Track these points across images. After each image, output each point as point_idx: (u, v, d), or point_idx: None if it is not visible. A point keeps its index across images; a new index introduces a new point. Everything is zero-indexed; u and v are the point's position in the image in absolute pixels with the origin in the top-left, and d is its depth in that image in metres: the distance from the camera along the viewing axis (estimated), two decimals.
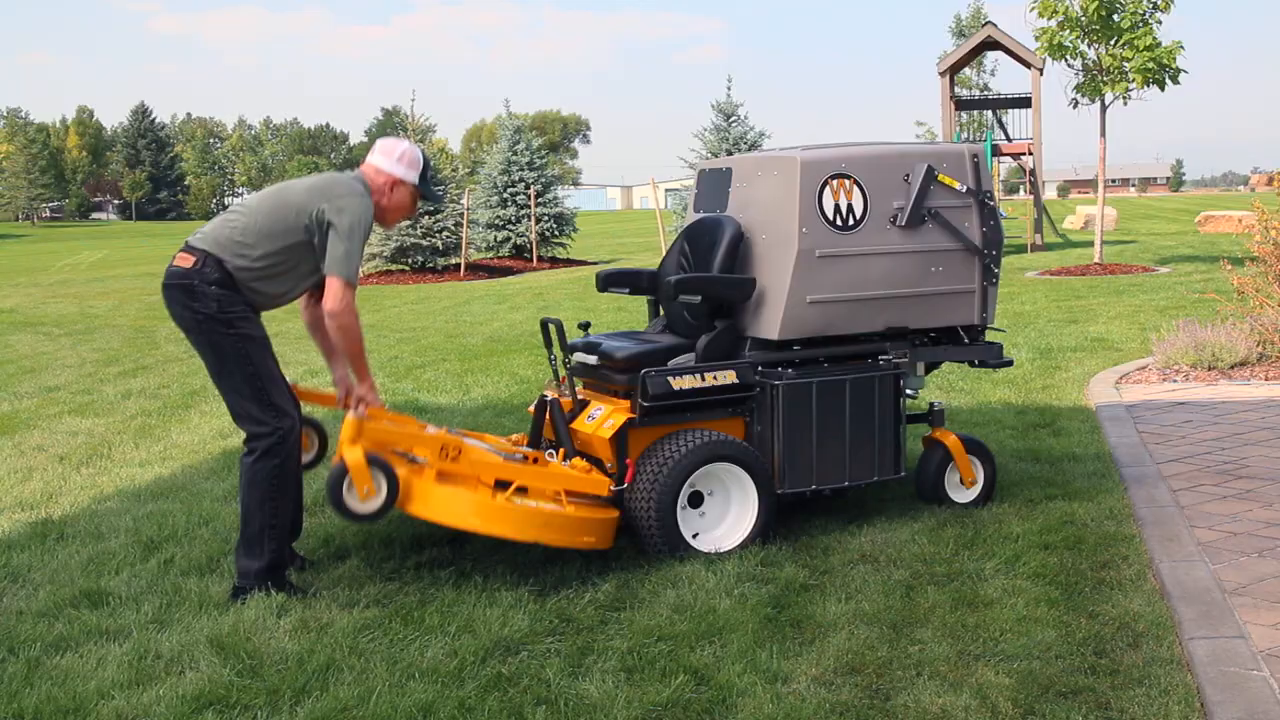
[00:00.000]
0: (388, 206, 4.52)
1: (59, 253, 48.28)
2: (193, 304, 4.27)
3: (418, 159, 4.53)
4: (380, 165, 4.49)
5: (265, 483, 4.28)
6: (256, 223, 4.33)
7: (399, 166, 4.49)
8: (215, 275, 4.27)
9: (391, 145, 4.54)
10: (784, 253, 4.72)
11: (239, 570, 4.32)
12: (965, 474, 5.19)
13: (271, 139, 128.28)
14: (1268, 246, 8.57)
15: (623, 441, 4.58)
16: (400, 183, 4.50)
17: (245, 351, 4.29)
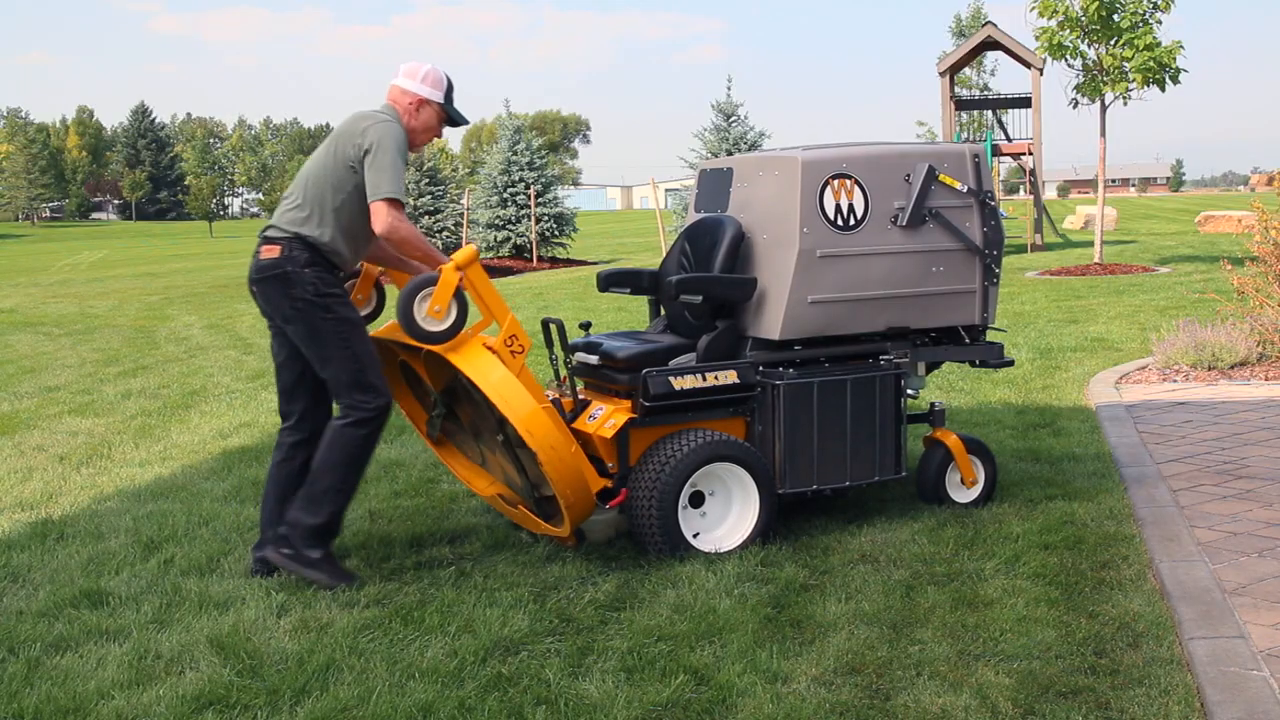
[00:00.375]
0: (415, 128, 4.55)
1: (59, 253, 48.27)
2: (291, 291, 4.36)
3: (441, 79, 4.57)
4: (405, 86, 4.52)
5: (348, 448, 4.38)
6: (311, 190, 4.42)
7: (423, 86, 4.53)
8: (304, 255, 4.36)
9: (414, 66, 4.56)
10: (785, 253, 4.72)
11: (289, 521, 4.38)
12: (966, 474, 5.19)
13: (271, 139, 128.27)
14: (1268, 246, 8.56)
15: (624, 441, 4.58)
16: (426, 102, 4.54)
17: (344, 334, 4.38)
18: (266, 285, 4.43)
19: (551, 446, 4.21)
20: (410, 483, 5.88)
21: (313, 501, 4.37)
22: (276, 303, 4.42)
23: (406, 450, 6.64)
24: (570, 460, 4.28)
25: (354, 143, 4.36)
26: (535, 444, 4.20)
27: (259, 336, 13.30)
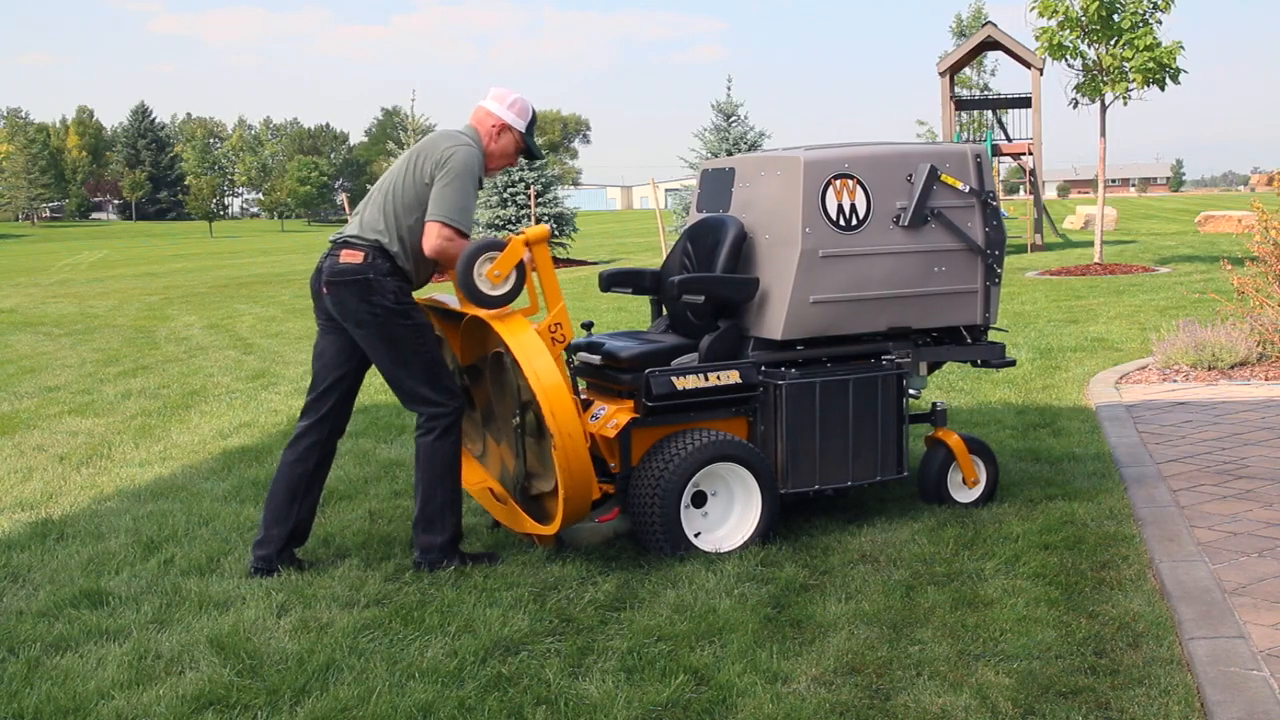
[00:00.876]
0: (493, 151, 4.63)
1: (59, 253, 48.27)
2: (370, 298, 4.42)
3: (527, 109, 4.69)
4: (491, 109, 4.64)
5: (445, 459, 4.48)
6: (389, 204, 4.48)
7: (509, 113, 4.63)
8: (386, 266, 4.44)
9: (504, 92, 4.68)
10: (787, 253, 4.72)
11: (420, 546, 4.49)
12: (968, 474, 5.18)
13: (271, 139, 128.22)
14: (1268, 246, 8.56)
15: (627, 441, 4.58)
16: (507, 128, 4.64)
17: (421, 339, 4.47)
18: (343, 289, 4.45)
19: (570, 434, 4.22)
20: (410, 483, 5.87)
21: (433, 521, 4.48)
22: (352, 307, 4.44)
23: (406, 450, 6.64)
24: (583, 453, 4.28)
25: (434, 161, 4.43)
26: (556, 426, 4.20)
27: (259, 336, 13.30)
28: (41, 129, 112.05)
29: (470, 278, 4.31)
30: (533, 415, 4.49)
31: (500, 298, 4.36)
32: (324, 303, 4.55)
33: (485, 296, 4.35)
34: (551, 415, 4.19)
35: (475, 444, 5.26)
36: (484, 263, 4.33)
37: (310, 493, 4.62)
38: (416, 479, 4.53)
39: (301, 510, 4.59)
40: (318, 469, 4.62)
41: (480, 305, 4.37)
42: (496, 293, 4.35)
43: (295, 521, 4.58)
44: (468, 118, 4.70)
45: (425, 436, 4.49)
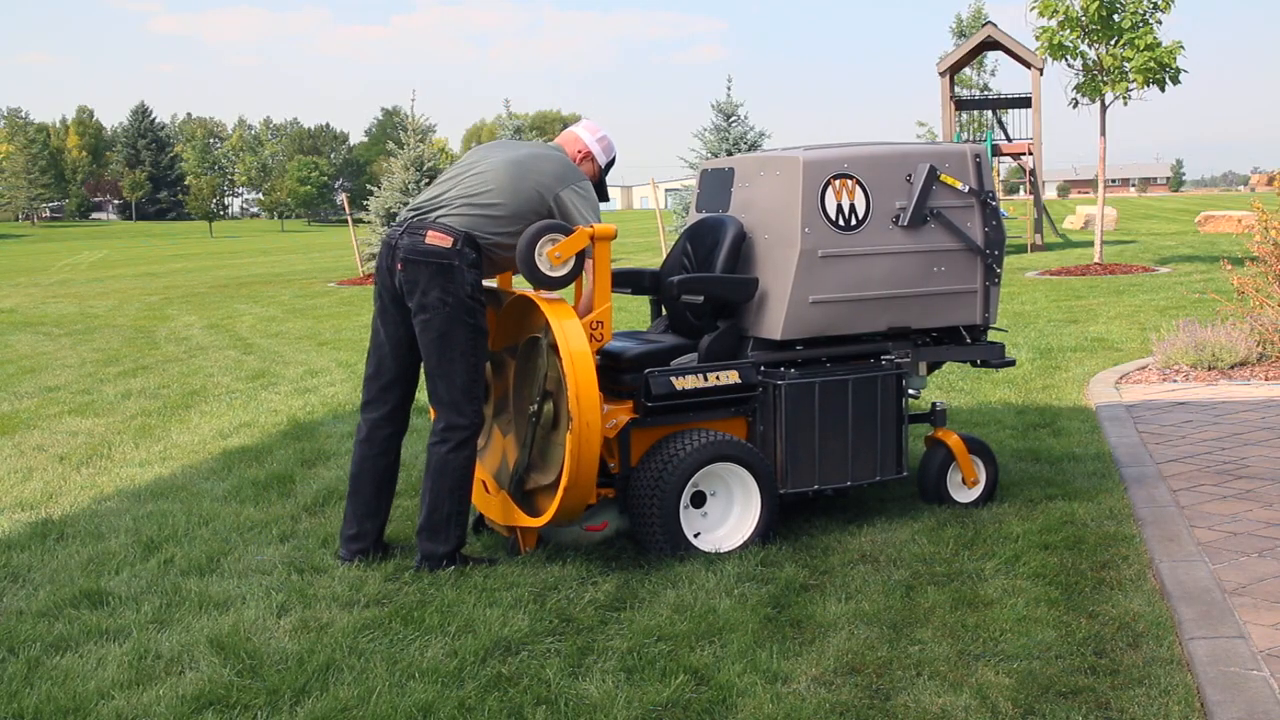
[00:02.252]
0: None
1: (59, 253, 48.27)
2: (449, 285, 4.40)
3: (612, 148, 4.89)
4: (582, 136, 4.83)
5: (458, 473, 4.49)
6: (504, 202, 4.52)
7: (596, 146, 4.83)
8: (473, 256, 4.46)
9: (596, 126, 4.89)
10: (786, 253, 4.72)
11: (423, 553, 4.51)
12: (967, 474, 5.18)
13: (271, 139, 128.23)
14: (1268, 246, 8.56)
15: (626, 441, 4.58)
16: (590, 158, 4.81)
17: (475, 344, 4.48)
18: (422, 270, 4.40)
19: (589, 423, 4.24)
20: (411, 483, 5.88)
21: (437, 531, 4.49)
22: (426, 290, 4.40)
23: (407, 450, 6.61)
24: (595, 446, 4.28)
25: (567, 188, 4.53)
26: (579, 412, 4.21)
27: (259, 336, 13.30)
28: (41, 129, 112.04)
29: (531, 254, 4.38)
30: (551, 406, 4.51)
31: (557, 279, 4.44)
32: (394, 280, 4.50)
33: (542, 275, 4.42)
34: (576, 400, 4.21)
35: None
36: (546, 243, 4.40)
37: (394, 481, 4.75)
38: (424, 486, 4.51)
39: (389, 500, 4.72)
40: (397, 461, 4.74)
41: (535, 283, 4.44)
42: (554, 274, 4.43)
43: (387, 511, 4.70)
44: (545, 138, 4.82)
45: (440, 446, 4.47)
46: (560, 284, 4.46)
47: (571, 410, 4.21)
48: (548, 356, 4.49)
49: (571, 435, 4.22)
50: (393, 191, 22.90)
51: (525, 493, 4.73)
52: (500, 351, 4.99)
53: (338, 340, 11.94)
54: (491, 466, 5.09)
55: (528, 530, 4.64)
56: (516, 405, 4.86)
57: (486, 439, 5.17)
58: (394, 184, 23.01)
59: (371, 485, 4.66)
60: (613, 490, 4.62)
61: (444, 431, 4.47)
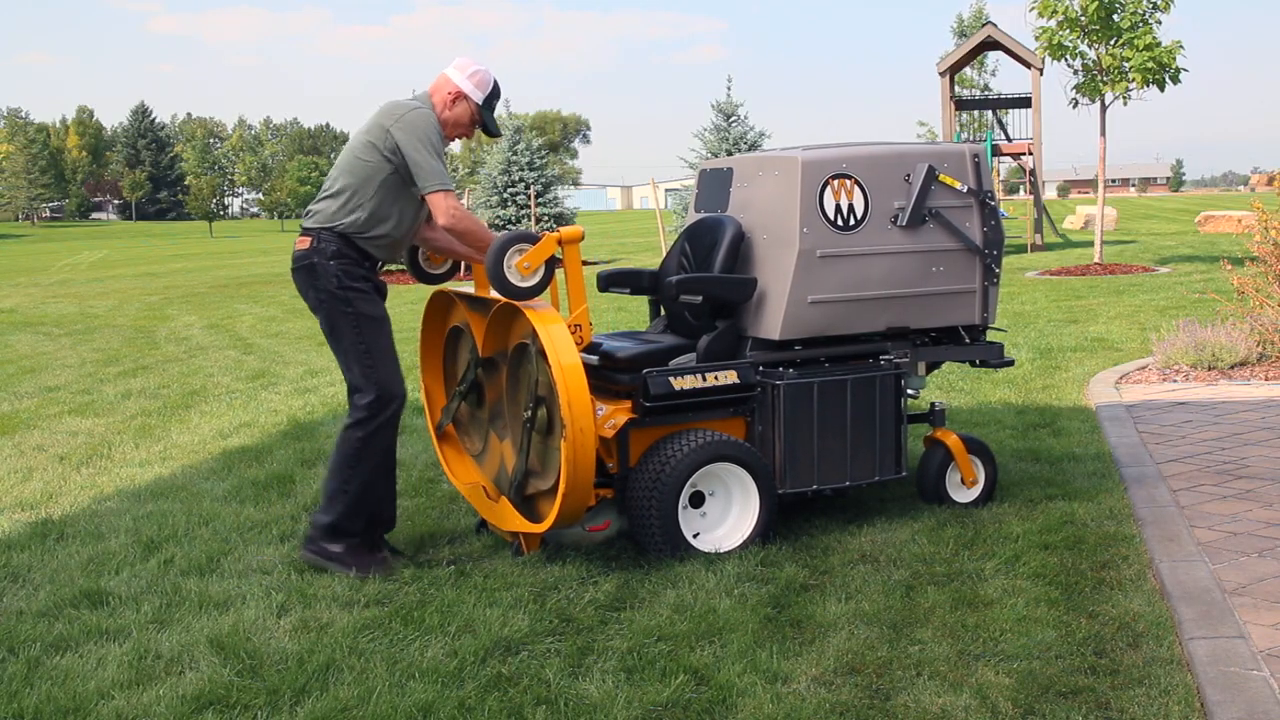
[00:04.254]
0: (447, 119, 4.59)
1: (59, 253, 48.27)
2: (316, 283, 4.49)
3: (488, 82, 4.61)
4: (451, 76, 4.59)
5: (347, 449, 4.51)
6: (344, 179, 4.51)
7: (467, 82, 4.58)
8: (331, 248, 4.47)
9: (468, 62, 4.63)
10: (785, 253, 4.72)
11: (312, 523, 4.58)
12: (966, 474, 5.18)
13: (271, 139, 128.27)
14: (1268, 246, 8.56)
15: (624, 441, 4.58)
16: (463, 97, 4.58)
17: (360, 329, 4.50)
18: (297, 276, 4.55)
19: (582, 429, 4.23)
20: (410, 483, 5.88)
21: (327, 501, 4.55)
22: (304, 294, 4.56)
23: (406, 450, 6.64)
24: (590, 451, 4.28)
25: (388, 127, 4.43)
26: (571, 418, 4.21)
27: (259, 336, 13.30)
28: (41, 129, 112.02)
29: (500, 267, 4.34)
30: (544, 411, 4.51)
31: (528, 289, 4.40)
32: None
33: (512, 287, 4.39)
34: (568, 406, 4.21)
35: (475, 442, 5.27)
36: (514, 254, 4.37)
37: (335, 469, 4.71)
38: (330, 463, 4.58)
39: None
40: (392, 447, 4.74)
41: (506, 295, 4.42)
42: (524, 284, 4.39)
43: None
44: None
45: (351, 430, 4.51)
46: (530, 294, 4.40)
47: (565, 418, 4.21)
48: (537, 362, 4.49)
49: (566, 443, 4.22)
50: None
51: (525, 498, 4.73)
52: (490, 358, 4.99)
53: None
54: (491, 472, 5.10)
55: (530, 534, 4.64)
56: (511, 411, 4.86)
57: (484, 445, 5.18)
58: None
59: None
60: (611, 491, 4.62)
61: (351, 411, 4.55)
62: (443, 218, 4.41)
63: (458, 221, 4.43)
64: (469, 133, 4.68)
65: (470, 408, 5.28)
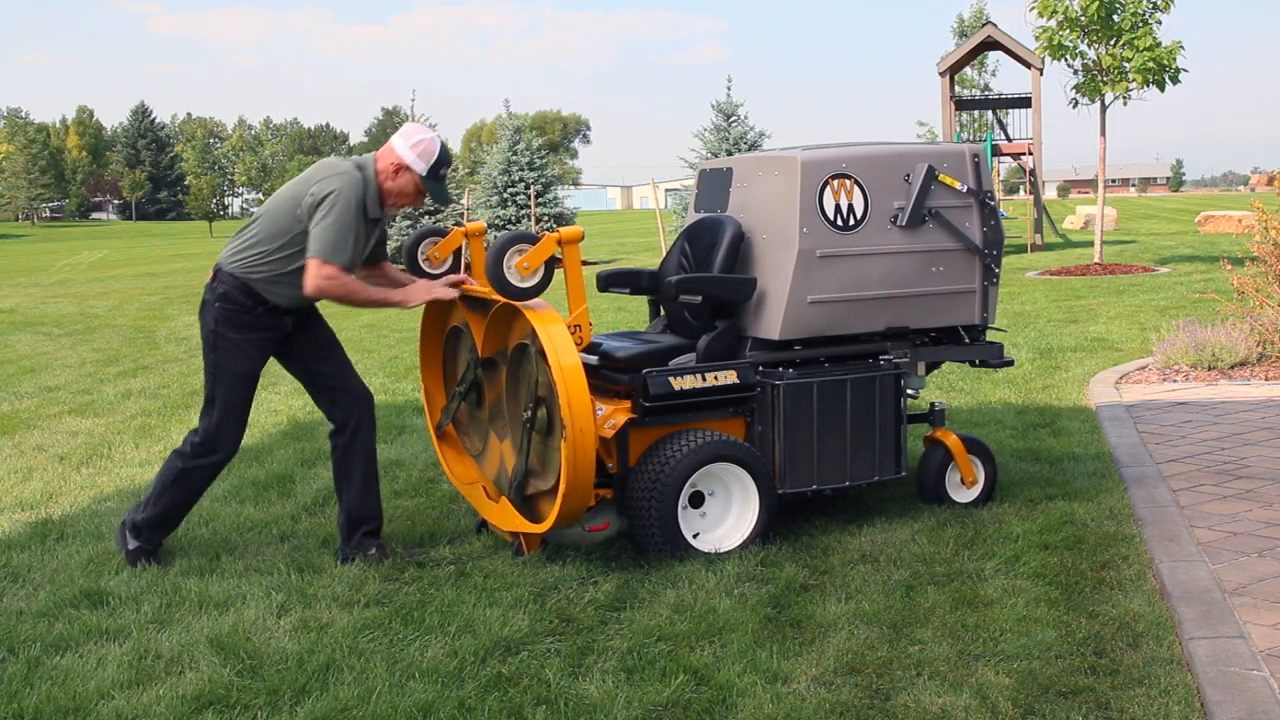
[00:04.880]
0: (390, 189, 4.57)
1: (59, 253, 48.26)
2: (202, 318, 4.59)
3: (432, 152, 4.54)
4: (395, 146, 4.56)
5: (167, 470, 4.65)
6: (264, 227, 4.53)
7: (409, 153, 4.53)
8: (222, 289, 4.51)
9: (413, 130, 4.59)
10: (785, 253, 4.72)
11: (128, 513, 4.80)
12: (966, 474, 5.18)
13: (271, 139, 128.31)
14: (1268, 246, 8.56)
15: (624, 441, 4.58)
16: (405, 169, 4.54)
17: (215, 375, 4.56)
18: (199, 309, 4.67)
19: (582, 429, 4.23)
20: (410, 483, 5.88)
21: (144, 502, 4.70)
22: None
23: (406, 450, 6.64)
24: (591, 451, 4.28)
25: (311, 190, 4.42)
26: (571, 419, 4.20)
27: None
28: (41, 129, 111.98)
29: (499, 268, 4.34)
30: (544, 411, 4.51)
31: (527, 289, 4.40)
32: None
33: (512, 287, 4.38)
34: (568, 407, 4.21)
35: (475, 442, 5.27)
36: (514, 254, 4.37)
37: (342, 477, 4.77)
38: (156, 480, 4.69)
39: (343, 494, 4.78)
40: (343, 454, 4.75)
41: (505, 295, 4.41)
42: (523, 284, 4.39)
43: (347, 504, 4.76)
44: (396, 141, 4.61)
45: (176, 454, 4.61)
46: (530, 294, 4.41)
47: (565, 418, 4.22)
48: (537, 363, 4.49)
49: (566, 443, 4.22)
50: None
51: (526, 498, 4.73)
52: (489, 358, 4.99)
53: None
54: (491, 472, 5.10)
55: (530, 534, 4.64)
56: (510, 411, 4.86)
57: (484, 445, 5.18)
58: None
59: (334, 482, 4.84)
60: (611, 491, 4.62)
61: (190, 446, 4.61)
62: (308, 285, 4.39)
63: (320, 292, 4.39)
64: (416, 201, 4.65)
65: (470, 408, 5.28)
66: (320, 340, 4.81)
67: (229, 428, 4.58)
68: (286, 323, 4.63)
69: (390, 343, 11.61)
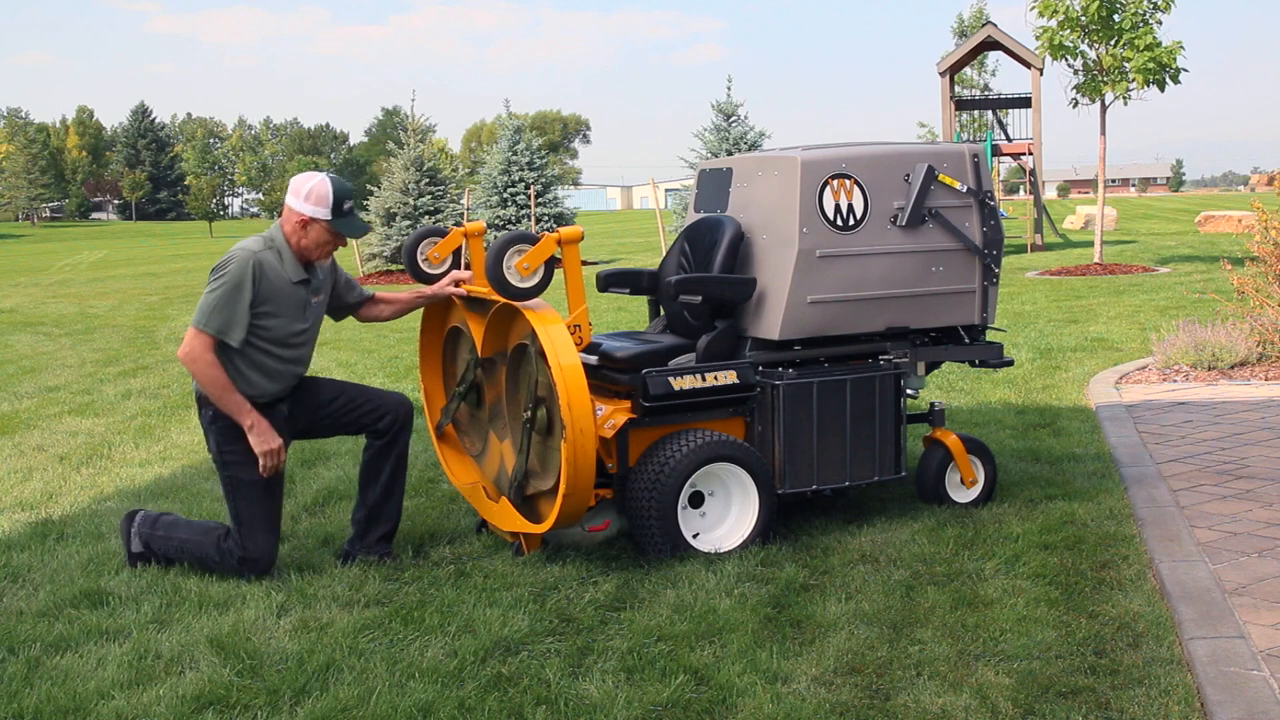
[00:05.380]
0: (307, 245, 4.48)
1: (59, 253, 48.26)
2: (209, 444, 4.59)
3: (326, 195, 4.42)
4: (290, 204, 4.45)
5: (198, 539, 4.57)
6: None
7: (306, 205, 4.42)
8: (210, 411, 4.50)
9: (301, 183, 4.47)
10: (784, 253, 4.72)
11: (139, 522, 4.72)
12: (966, 474, 5.18)
13: (272, 139, 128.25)
14: (1268, 246, 8.56)
15: (624, 441, 4.58)
16: (310, 221, 4.44)
17: (236, 493, 4.50)
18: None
19: (582, 430, 4.23)
20: (410, 483, 5.87)
21: (158, 521, 4.67)
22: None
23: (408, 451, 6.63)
24: (591, 452, 4.28)
25: (214, 267, 4.42)
26: (571, 419, 4.20)
27: None
28: (41, 129, 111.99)
29: (499, 269, 4.34)
30: (544, 411, 4.51)
31: (527, 290, 4.40)
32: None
33: (512, 288, 4.38)
34: (568, 408, 4.21)
35: (475, 443, 5.27)
36: (514, 255, 4.37)
37: (370, 479, 4.77)
38: (186, 522, 4.67)
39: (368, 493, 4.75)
40: (372, 463, 4.76)
41: (505, 295, 4.41)
42: (523, 285, 4.39)
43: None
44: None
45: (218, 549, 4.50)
46: (530, 294, 4.41)
47: (565, 419, 4.22)
48: (537, 363, 4.49)
49: (566, 443, 4.22)
50: (393, 191, 22.91)
51: (526, 498, 4.73)
52: (489, 358, 4.99)
53: (337, 340, 11.93)
54: (491, 472, 5.10)
55: (530, 534, 4.64)
56: (510, 411, 4.86)
57: (484, 445, 5.18)
58: (394, 184, 23.03)
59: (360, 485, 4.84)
60: (611, 491, 4.62)
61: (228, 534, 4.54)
62: (182, 348, 4.37)
63: (188, 360, 4.34)
64: (337, 244, 4.56)
65: (470, 408, 5.28)
66: (323, 396, 4.74)
67: (262, 536, 4.47)
68: (281, 410, 4.58)
69: (390, 343, 11.61)
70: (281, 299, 4.43)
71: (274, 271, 4.42)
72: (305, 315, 4.54)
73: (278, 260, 4.44)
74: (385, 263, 21.99)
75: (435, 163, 23.65)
